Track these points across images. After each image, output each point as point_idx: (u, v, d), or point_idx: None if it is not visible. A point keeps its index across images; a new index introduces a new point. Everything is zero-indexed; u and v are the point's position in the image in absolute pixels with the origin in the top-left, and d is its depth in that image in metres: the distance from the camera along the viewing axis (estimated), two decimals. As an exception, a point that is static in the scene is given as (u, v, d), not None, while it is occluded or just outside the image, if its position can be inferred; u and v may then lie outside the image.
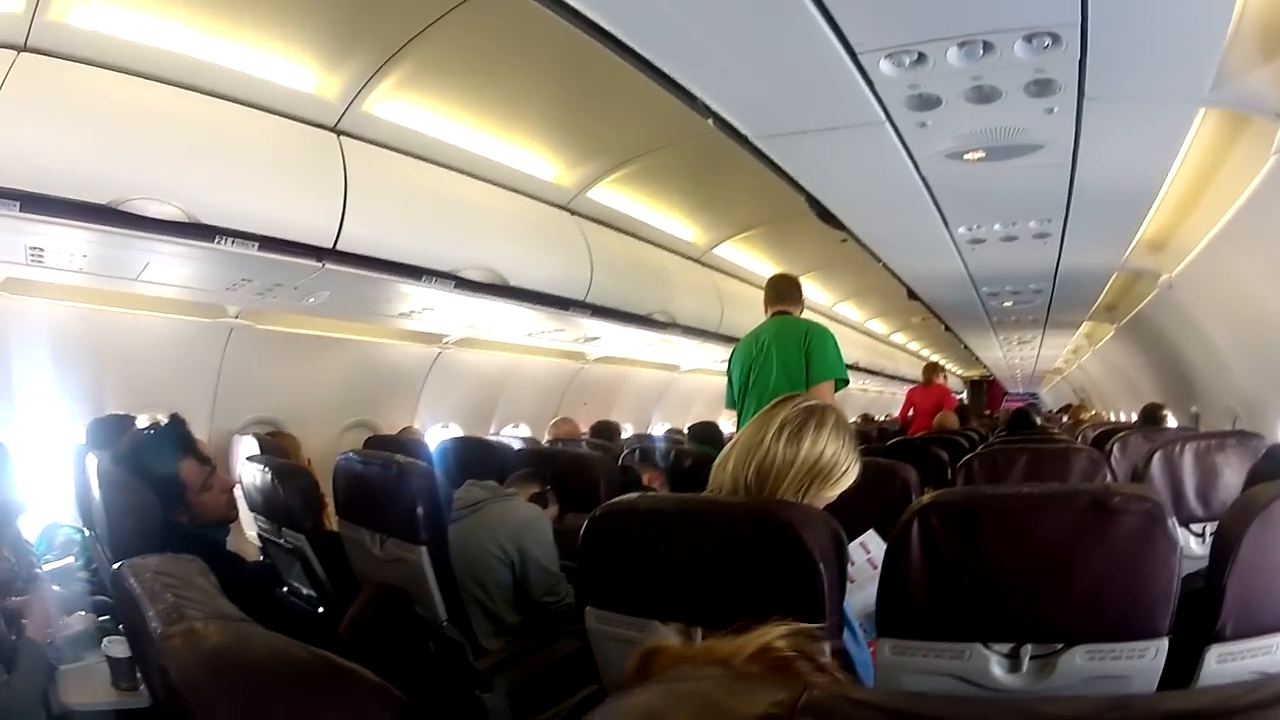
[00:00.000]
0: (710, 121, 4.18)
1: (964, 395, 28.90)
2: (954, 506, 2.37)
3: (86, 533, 4.85)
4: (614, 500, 2.67)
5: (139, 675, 3.09)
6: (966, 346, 15.31)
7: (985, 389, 30.41)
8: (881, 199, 5.35)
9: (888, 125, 4.03)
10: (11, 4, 4.05)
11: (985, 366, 21.01)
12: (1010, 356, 16.46)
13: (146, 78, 4.59)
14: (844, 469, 2.59)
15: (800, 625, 1.10)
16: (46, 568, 4.55)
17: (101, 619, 3.61)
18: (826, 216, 5.75)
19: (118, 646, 3.20)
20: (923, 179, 4.83)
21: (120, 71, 4.51)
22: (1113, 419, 14.48)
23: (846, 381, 5.68)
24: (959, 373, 26.62)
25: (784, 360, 5.51)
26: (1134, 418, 11.45)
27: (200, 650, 1.15)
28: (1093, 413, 16.78)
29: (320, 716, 1.04)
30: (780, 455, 2.53)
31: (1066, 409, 19.57)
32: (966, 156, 4.41)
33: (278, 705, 1.04)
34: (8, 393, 5.84)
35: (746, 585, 2.28)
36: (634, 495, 2.78)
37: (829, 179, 5.04)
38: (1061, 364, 19.22)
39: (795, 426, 2.56)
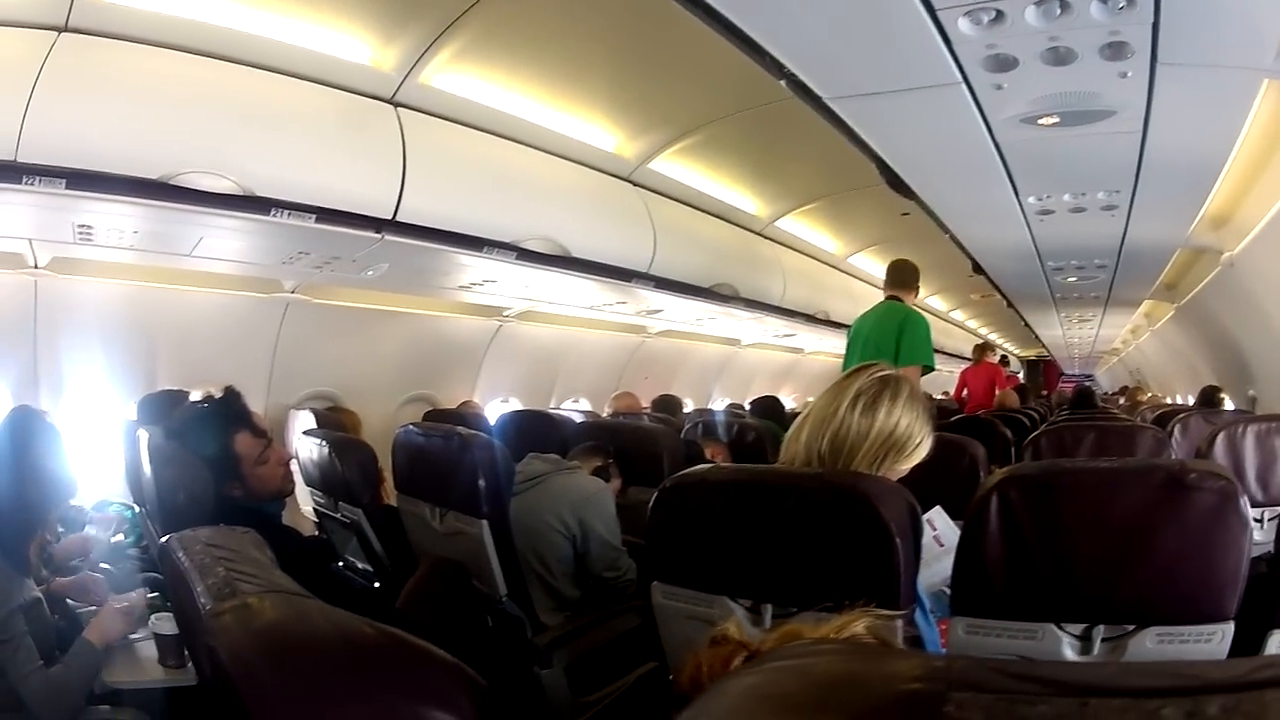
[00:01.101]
0: (783, 83, 4.08)
1: (1021, 375, 28.70)
2: (1033, 480, 2.31)
3: (137, 509, 4.82)
4: (685, 471, 2.62)
5: (187, 654, 3.04)
6: (1027, 324, 15.13)
7: (1042, 370, 30.14)
8: (953, 165, 5.26)
9: (964, 87, 3.95)
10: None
11: (1043, 346, 20.91)
12: (1070, 335, 16.33)
13: (194, 53, 4.58)
14: (918, 442, 2.53)
15: (881, 612, 1.02)
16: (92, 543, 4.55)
17: (151, 596, 3.56)
18: (896, 184, 5.66)
19: (165, 624, 3.15)
20: (996, 145, 4.74)
21: (165, 48, 4.50)
22: (1169, 403, 14.28)
23: (932, 368, 6.22)
24: (1016, 352, 26.45)
25: (880, 343, 5.87)
26: (1190, 401, 11.55)
27: (253, 627, 1.04)
28: (1149, 395, 16.55)
29: (388, 700, 0.94)
30: (855, 426, 2.47)
31: (1123, 391, 19.36)
32: (1041, 121, 4.33)
33: (340, 687, 0.94)
34: (57, 373, 5.90)
35: (819, 560, 2.22)
36: (705, 466, 2.78)
37: (902, 143, 4.94)
38: (1119, 345, 19.06)
39: (870, 397, 2.49)
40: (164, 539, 1.63)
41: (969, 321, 18.89)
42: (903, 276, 6.79)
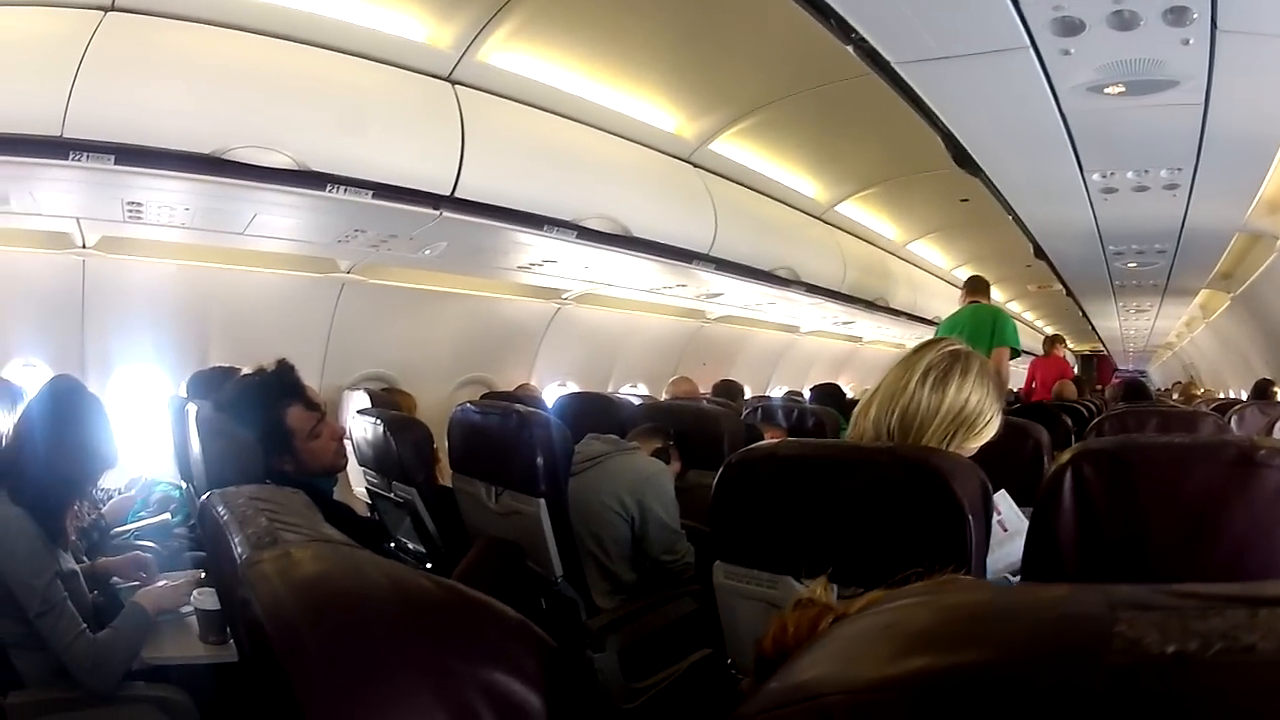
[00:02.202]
0: (850, 49, 4.06)
1: (1075, 369, 28.55)
2: (1108, 455, 2.19)
3: (184, 486, 4.78)
4: (752, 446, 2.55)
5: (229, 630, 3.00)
6: (1084, 315, 14.99)
7: (1096, 364, 29.89)
8: (1020, 137, 5.26)
9: (1031, 52, 3.95)
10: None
11: (1098, 340, 20.84)
12: (1126, 327, 16.26)
13: (246, 31, 4.60)
14: (988, 419, 2.47)
15: (968, 579, 0.93)
16: (141, 524, 4.52)
17: (202, 577, 3.52)
18: (962, 160, 5.62)
19: (208, 598, 3.10)
20: (1062, 115, 4.73)
21: (217, 25, 4.52)
22: (1221, 397, 14.15)
23: (1019, 352, 7.61)
24: (1071, 346, 26.30)
25: (974, 337, 6.30)
26: (1244, 396, 11.54)
27: (293, 578, 0.93)
28: (1203, 390, 16.37)
29: (447, 661, 0.84)
30: (925, 402, 2.40)
31: (1176, 385, 19.22)
32: (1107, 90, 4.34)
33: (391, 646, 0.83)
34: (105, 355, 5.95)
35: (888, 538, 2.14)
36: (773, 441, 2.68)
37: (969, 112, 4.92)
38: (1173, 338, 18.99)
39: (941, 371, 2.42)
40: (204, 496, 1.55)
41: (1025, 314, 18.76)
42: (981, 286, 8.09)
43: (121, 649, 2.98)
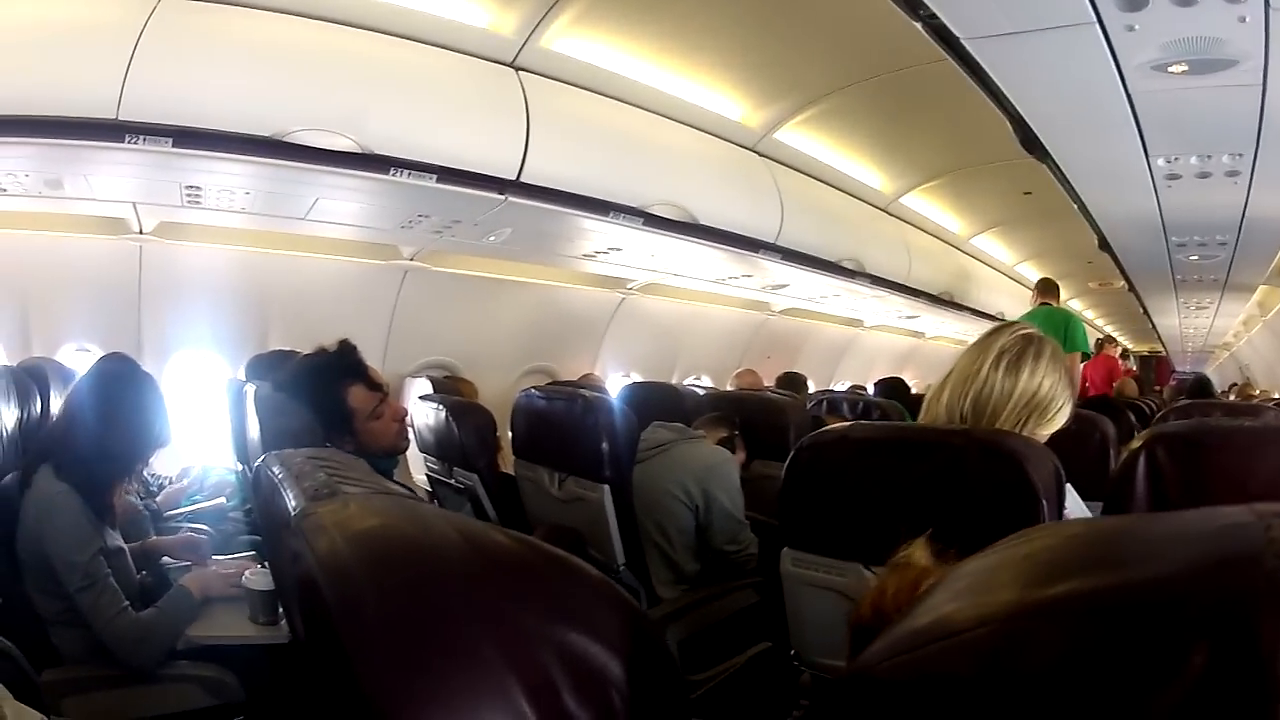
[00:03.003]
0: (920, 26, 4.04)
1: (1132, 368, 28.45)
2: (1180, 438, 2.27)
3: (240, 468, 4.77)
4: (824, 429, 2.53)
5: (281, 610, 2.98)
6: (1145, 312, 14.93)
7: (1154, 365, 29.75)
8: (1086, 117, 5.20)
9: (1097, 27, 3.89)
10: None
11: (1158, 340, 20.76)
12: (1186, 325, 16.16)
13: (303, 16, 4.62)
14: (1059, 405, 2.44)
15: None
16: (195, 508, 4.52)
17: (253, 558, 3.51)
18: (1029, 143, 5.61)
19: (260, 578, 3.06)
20: (1128, 95, 4.69)
21: (273, 11, 4.55)
22: (1277, 397, 14.06)
23: (1089, 355, 8.38)
24: (1130, 347, 26.18)
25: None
26: None
27: (353, 529, 0.85)
28: (1260, 391, 16.24)
29: (521, 615, 0.77)
30: (998, 386, 2.38)
31: (1232, 387, 19.16)
32: (1170, 69, 4.29)
33: (459, 598, 0.76)
34: (161, 341, 6.06)
35: (960, 524, 2.05)
36: (845, 424, 2.72)
37: (1037, 90, 4.88)
38: (1230, 338, 18.90)
39: (1014, 355, 2.40)
40: (260, 459, 1.49)
41: (1086, 312, 18.71)
42: (1053, 289, 8.79)
43: (163, 629, 2.97)
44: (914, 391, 8.35)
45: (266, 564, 3.19)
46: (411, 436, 4.00)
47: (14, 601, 3.01)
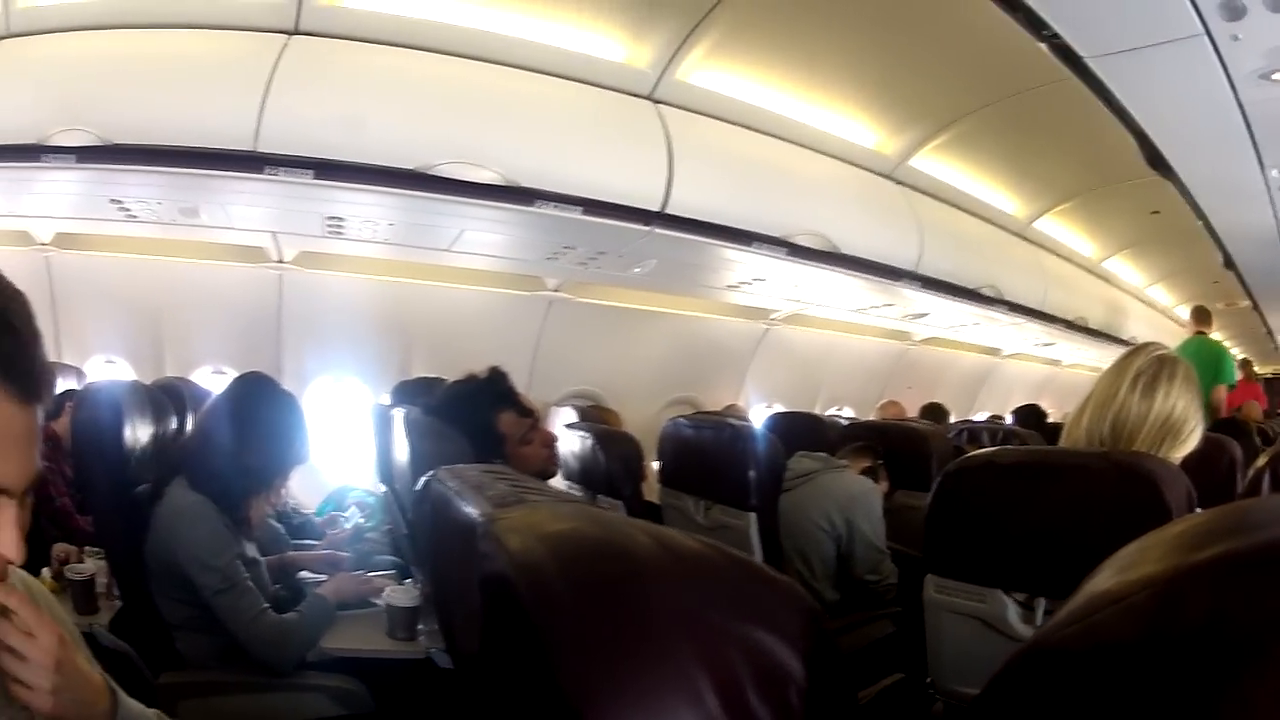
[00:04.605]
0: (1044, 46, 4.20)
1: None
2: None
3: (382, 489, 4.85)
4: (971, 454, 2.55)
5: (420, 627, 3.06)
6: (1269, 331, 14.80)
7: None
8: (1204, 131, 5.30)
9: (1205, 39, 4.05)
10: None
11: None
12: None
13: (441, 53, 4.77)
14: (1192, 427, 2.46)
15: None
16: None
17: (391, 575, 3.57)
18: (1155, 161, 5.68)
19: (401, 595, 3.10)
20: (1240, 106, 4.84)
21: (412, 48, 4.70)
22: None
23: (1234, 385, 8.60)
24: (1256, 369, 25.47)
25: (1202, 370, 6.29)
26: None
27: (545, 530, 0.88)
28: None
29: (710, 612, 0.80)
30: (1135, 408, 2.41)
31: None
32: (1275, 76, 4.44)
33: (652, 593, 0.79)
34: (300, 365, 6.22)
35: (1097, 548, 2.02)
36: (992, 449, 2.73)
37: (1156, 106, 4.98)
38: None
39: (1149, 377, 2.43)
40: (426, 476, 1.52)
41: (1214, 334, 18.11)
42: (1206, 317, 8.95)
43: (302, 633, 3.00)
44: (1050, 420, 8.24)
45: (409, 581, 3.28)
46: (557, 462, 4.07)
47: (134, 606, 3.12)
